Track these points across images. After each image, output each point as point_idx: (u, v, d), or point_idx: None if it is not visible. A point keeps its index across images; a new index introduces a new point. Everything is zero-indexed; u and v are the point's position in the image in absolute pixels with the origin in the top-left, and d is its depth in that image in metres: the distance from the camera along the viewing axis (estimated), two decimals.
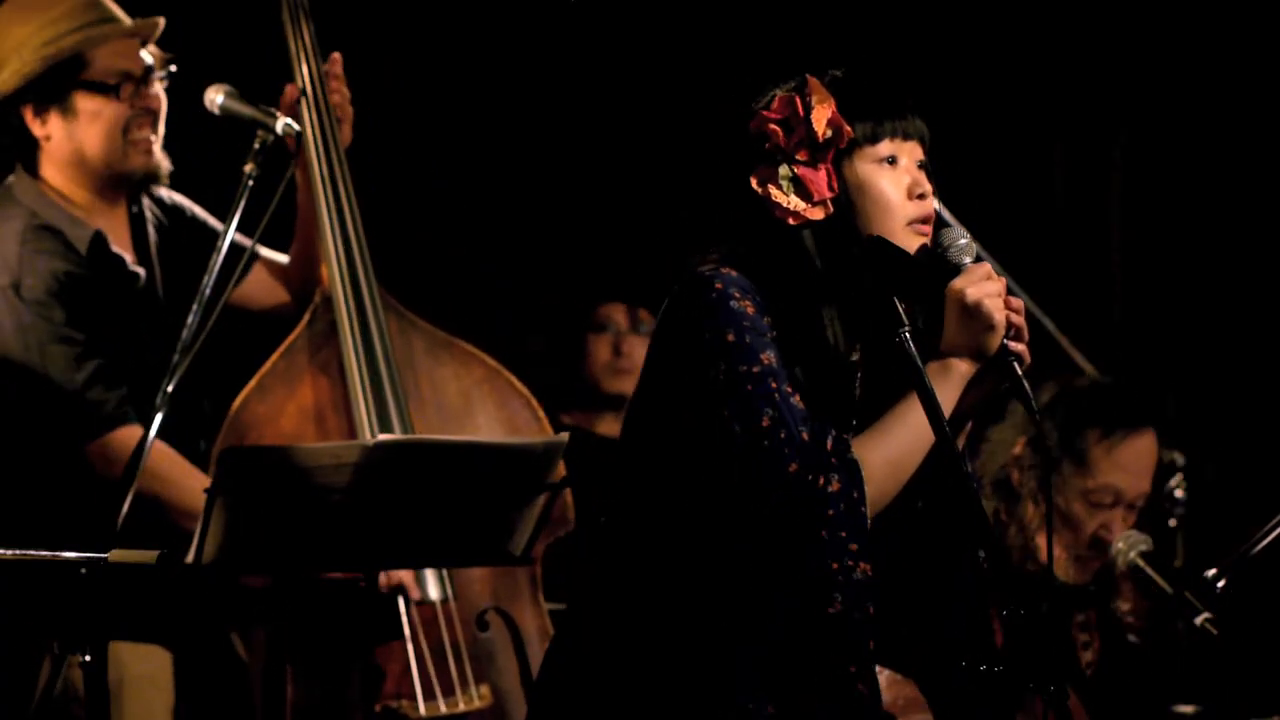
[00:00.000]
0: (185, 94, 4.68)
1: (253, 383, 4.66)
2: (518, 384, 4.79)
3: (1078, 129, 6.47)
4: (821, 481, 3.10)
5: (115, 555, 3.76)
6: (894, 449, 3.17)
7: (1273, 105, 6.23)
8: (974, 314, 3.18)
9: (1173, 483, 5.40)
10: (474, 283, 5.97)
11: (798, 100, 3.22)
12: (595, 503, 3.36)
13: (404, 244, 5.26)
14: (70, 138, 4.62)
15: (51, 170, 4.64)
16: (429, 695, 4.54)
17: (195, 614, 4.70)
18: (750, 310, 3.17)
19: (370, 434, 4.60)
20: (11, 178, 4.69)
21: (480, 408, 4.77)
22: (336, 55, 4.77)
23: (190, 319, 4.30)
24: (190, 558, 3.94)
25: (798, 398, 3.15)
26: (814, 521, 3.11)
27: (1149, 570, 4.56)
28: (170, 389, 4.24)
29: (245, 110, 4.49)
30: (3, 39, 4.59)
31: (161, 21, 4.67)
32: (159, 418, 4.22)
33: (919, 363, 3.15)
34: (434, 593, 4.60)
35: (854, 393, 3.29)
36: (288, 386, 4.68)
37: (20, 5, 4.61)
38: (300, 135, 4.68)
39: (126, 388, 4.54)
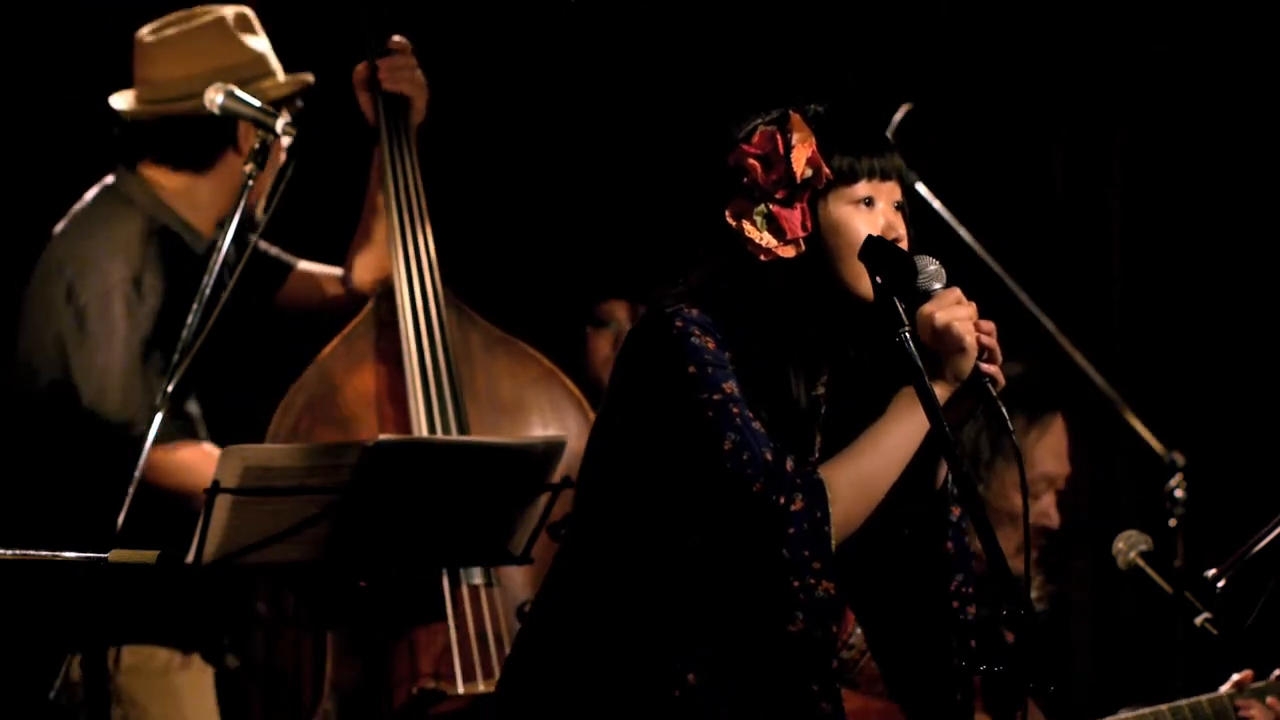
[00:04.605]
0: None
1: (312, 366, 4.71)
2: (571, 386, 4.84)
3: (1078, 129, 6.47)
4: (783, 500, 3.12)
5: (115, 555, 3.77)
6: (862, 470, 3.19)
7: (1273, 105, 6.22)
8: (943, 337, 3.19)
9: (1173, 483, 5.40)
10: (536, 282, 5.99)
11: (778, 136, 3.23)
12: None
13: (468, 241, 5.28)
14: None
15: (151, 166, 4.72)
16: (469, 677, 4.56)
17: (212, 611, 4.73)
18: (711, 345, 3.19)
19: (426, 426, 4.64)
20: (111, 178, 4.75)
21: (533, 406, 4.81)
22: (398, 39, 4.85)
23: (190, 319, 4.31)
24: (190, 558, 3.95)
25: (759, 424, 3.17)
26: (776, 540, 3.13)
27: (1149, 570, 4.57)
28: (170, 389, 4.24)
29: (246, 110, 4.49)
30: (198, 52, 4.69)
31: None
32: (159, 418, 4.22)
33: (919, 362, 3.16)
34: (476, 577, 4.62)
35: (814, 433, 3.30)
36: (347, 371, 4.73)
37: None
38: (377, 133, 4.80)
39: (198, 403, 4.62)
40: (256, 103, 4.46)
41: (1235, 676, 4.36)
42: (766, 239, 3.22)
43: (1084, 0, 6.37)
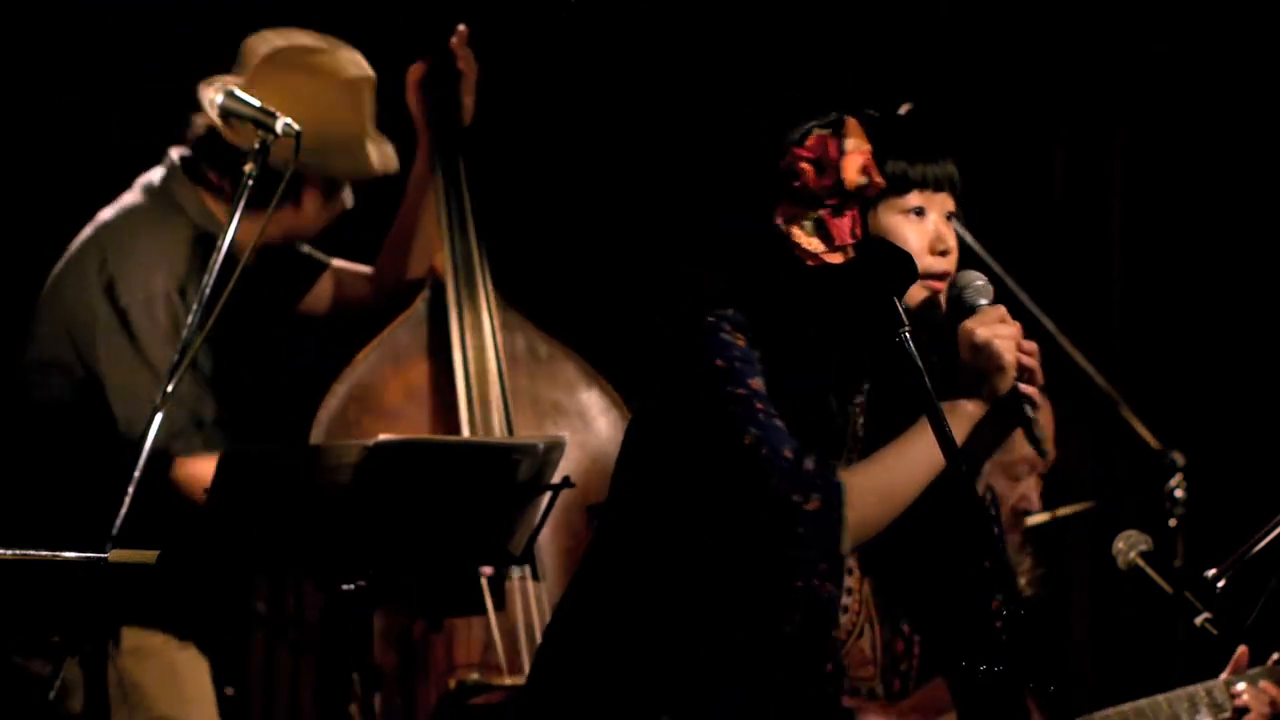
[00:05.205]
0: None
1: (361, 355, 4.75)
2: (610, 390, 4.87)
3: (1078, 129, 6.47)
4: (798, 499, 3.12)
5: (115, 555, 3.77)
6: (884, 477, 3.18)
7: (1273, 105, 6.22)
8: (983, 354, 3.19)
9: (1173, 483, 5.40)
10: (580, 286, 6.00)
11: (832, 142, 3.20)
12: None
13: (515, 243, 5.32)
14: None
15: (214, 175, 4.73)
16: (514, 669, 4.58)
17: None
18: (740, 342, 3.19)
19: (473, 425, 4.67)
20: (161, 173, 4.74)
21: (573, 409, 4.87)
22: (463, 27, 4.94)
23: (190, 319, 4.31)
24: (190, 557, 3.95)
25: (781, 422, 3.16)
26: (785, 538, 3.12)
27: (1149, 570, 4.57)
28: (170, 388, 4.24)
29: (245, 110, 4.48)
30: (294, 84, 4.68)
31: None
32: (159, 417, 4.21)
33: (919, 363, 3.14)
34: (520, 569, 4.64)
35: (846, 440, 3.29)
36: (395, 362, 4.79)
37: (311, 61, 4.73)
38: (438, 133, 4.89)
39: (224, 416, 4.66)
40: (256, 103, 4.45)
41: (1233, 657, 4.37)
42: (814, 244, 3.19)
43: (1084, 0, 6.37)
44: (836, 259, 3.19)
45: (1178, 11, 6.28)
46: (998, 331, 3.19)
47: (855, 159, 3.18)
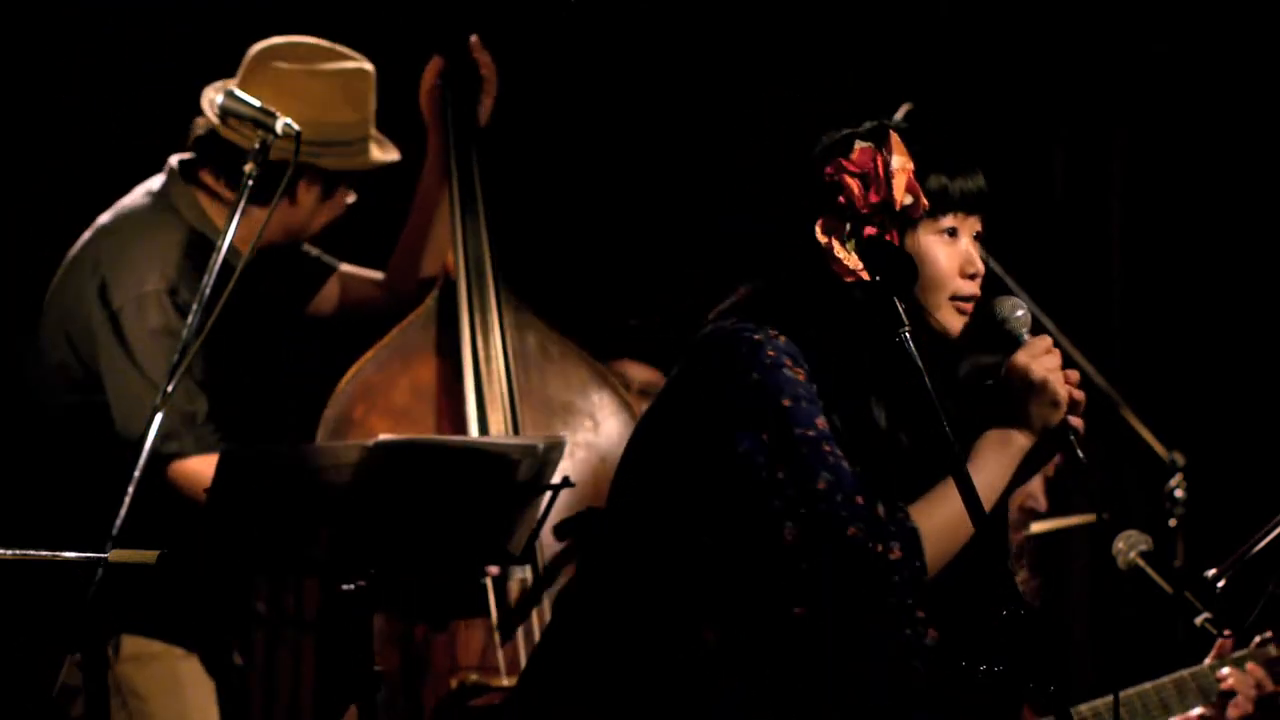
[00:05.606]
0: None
1: (370, 353, 4.75)
2: (621, 392, 4.86)
3: (1078, 129, 6.47)
4: (881, 549, 3.05)
5: (115, 555, 3.77)
6: (948, 518, 3.11)
7: (1273, 105, 6.23)
8: (1041, 391, 3.16)
9: (1173, 483, 5.40)
10: (593, 283, 6.00)
11: (879, 157, 3.14)
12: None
13: (528, 241, 5.33)
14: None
15: (209, 177, 4.72)
16: (512, 670, 4.58)
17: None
18: (802, 378, 3.11)
19: (478, 423, 4.68)
20: (161, 179, 4.74)
21: (583, 409, 4.86)
22: (474, 37, 4.94)
23: (190, 319, 4.31)
24: (191, 557, 3.95)
25: (847, 463, 3.09)
26: (879, 588, 3.06)
27: (1149, 570, 4.57)
28: (170, 389, 4.24)
29: (245, 110, 4.48)
30: (295, 85, 4.68)
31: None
32: (158, 418, 4.22)
33: (919, 363, 3.12)
34: (523, 570, 4.64)
35: (889, 466, 3.22)
36: (404, 361, 4.79)
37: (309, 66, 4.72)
38: (445, 133, 4.87)
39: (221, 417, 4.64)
40: (256, 103, 4.46)
41: (1217, 642, 4.38)
42: (853, 260, 3.12)
43: (1084, 0, 6.37)
44: (866, 277, 3.15)
45: (1178, 11, 6.28)
46: (1049, 365, 3.17)
47: (902, 177, 3.14)
